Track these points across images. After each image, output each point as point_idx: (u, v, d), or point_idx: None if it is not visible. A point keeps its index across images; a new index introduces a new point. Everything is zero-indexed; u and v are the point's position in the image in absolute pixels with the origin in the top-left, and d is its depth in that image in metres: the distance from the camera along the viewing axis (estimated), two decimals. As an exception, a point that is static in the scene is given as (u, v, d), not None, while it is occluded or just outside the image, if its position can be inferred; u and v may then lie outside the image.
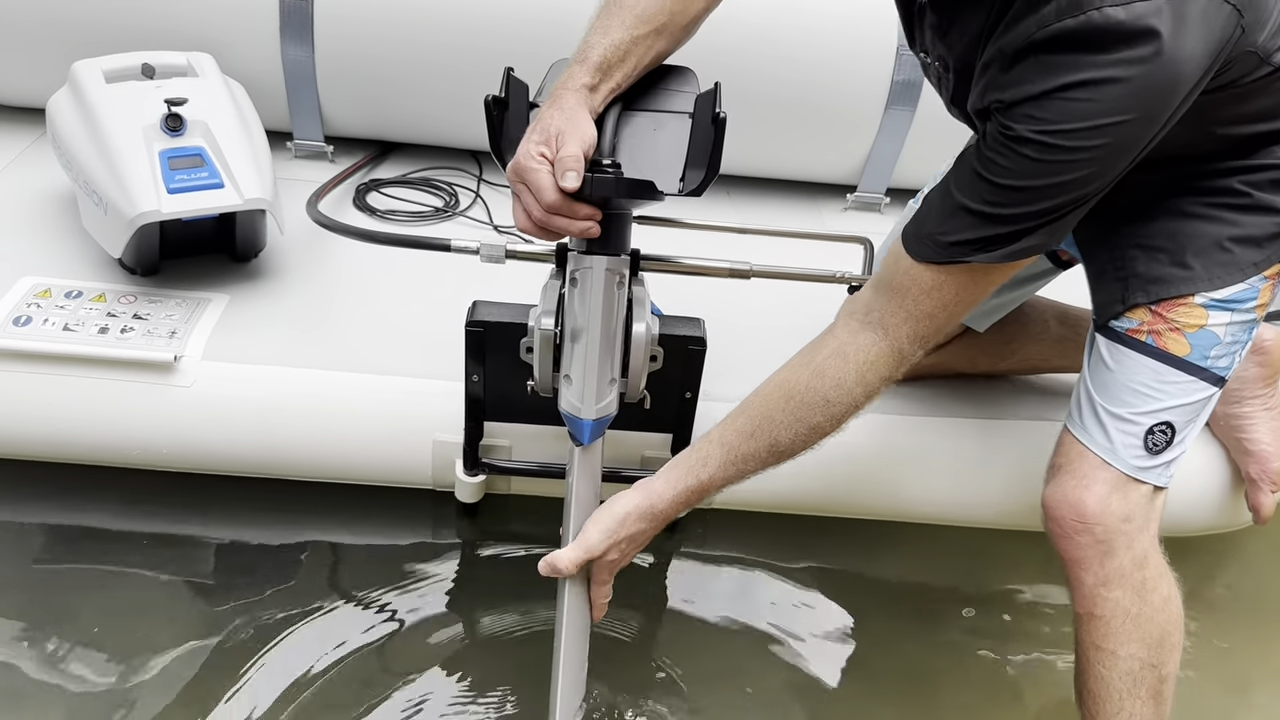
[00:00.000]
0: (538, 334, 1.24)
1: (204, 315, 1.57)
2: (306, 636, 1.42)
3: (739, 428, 1.21)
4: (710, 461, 1.20)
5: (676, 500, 1.21)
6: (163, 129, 1.56)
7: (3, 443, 1.51)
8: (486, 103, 1.17)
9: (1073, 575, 1.29)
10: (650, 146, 1.20)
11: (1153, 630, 1.27)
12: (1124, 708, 1.29)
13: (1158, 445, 1.25)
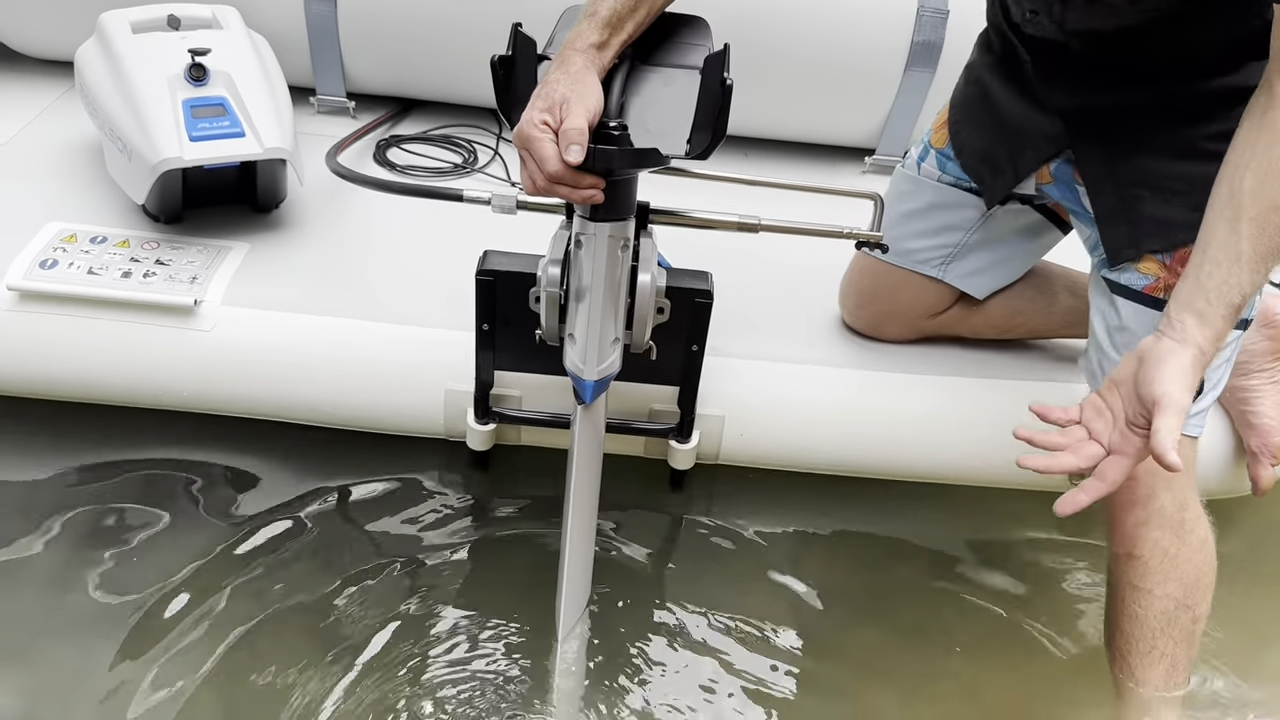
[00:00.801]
0: (544, 288, 1.26)
1: (224, 262, 1.60)
2: (319, 572, 1.46)
3: (1243, 230, 1.07)
4: (1233, 277, 1.08)
5: (1219, 334, 1.09)
6: (187, 79, 1.59)
7: (27, 382, 1.55)
8: (493, 62, 1.17)
9: (1113, 516, 1.32)
10: (659, 105, 1.20)
11: (1189, 571, 1.30)
12: (1156, 646, 1.33)
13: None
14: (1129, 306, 1.28)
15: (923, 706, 1.41)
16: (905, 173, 1.54)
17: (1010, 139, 1.35)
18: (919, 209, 1.51)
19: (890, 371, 1.60)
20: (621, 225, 1.20)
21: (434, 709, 1.30)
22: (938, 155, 1.47)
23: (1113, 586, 1.36)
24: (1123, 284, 1.27)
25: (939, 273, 1.54)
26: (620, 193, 1.17)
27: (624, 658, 1.40)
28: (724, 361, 1.56)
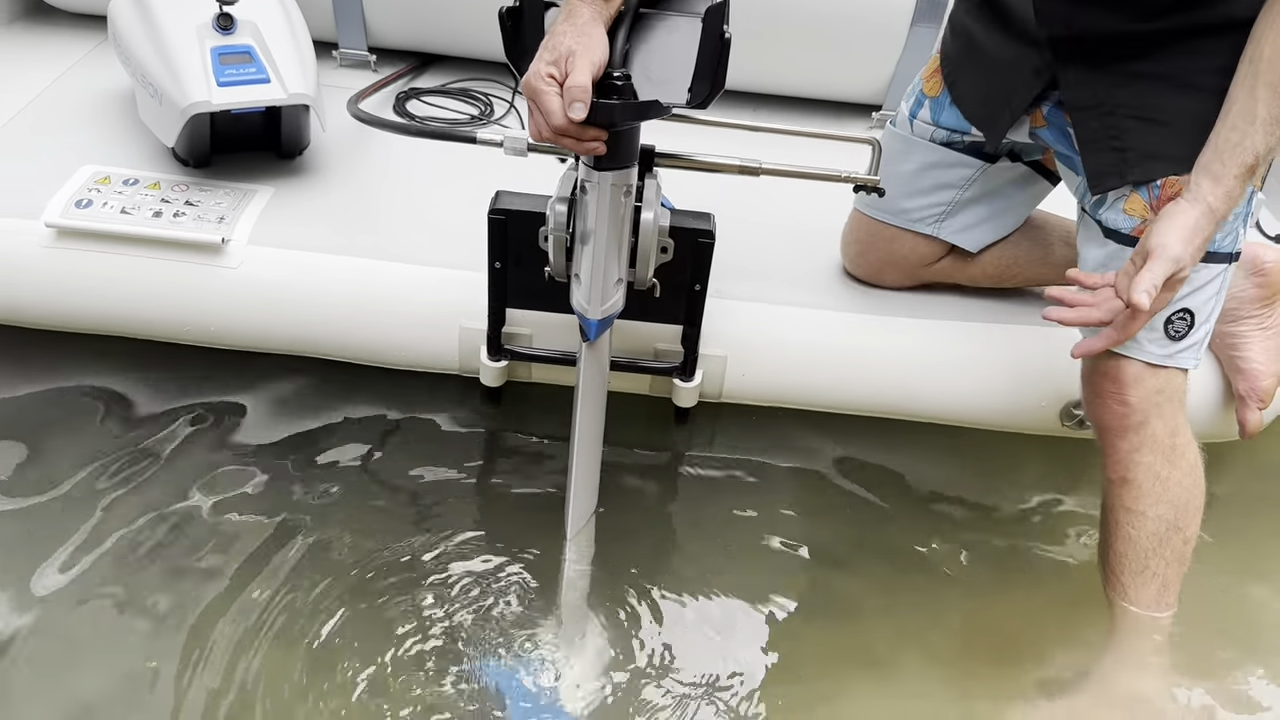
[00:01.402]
0: (551, 230, 1.32)
1: (250, 204, 1.67)
2: (341, 497, 1.55)
3: (1259, 94, 1.15)
4: (1247, 139, 1.16)
5: (1231, 194, 1.19)
6: (214, 27, 1.65)
7: (63, 316, 1.63)
8: (500, 14, 1.20)
9: (1107, 442, 1.38)
10: (661, 53, 1.24)
11: (1180, 494, 1.37)
12: (1149, 565, 1.40)
13: (1179, 332, 1.32)
14: (1112, 247, 1.33)
15: (921, 637, 1.47)
16: (898, 132, 1.59)
17: (1002, 79, 1.40)
18: (912, 170, 1.56)
19: (888, 316, 1.65)
20: (624, 173, 1.25)
21: (446, 617, 1.39)
22: (932, 103, 1.52)
23: (1107, 510, 1.43)
24: (1110, 226, 1.33)
25: (934, 230, 1.59)
26: (623, 142, 1.22)
27: (629, 582, 1.47)
28: (727, 304, 1.63)
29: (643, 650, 1.39)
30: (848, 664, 1.43)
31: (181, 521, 1.48)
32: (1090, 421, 1.42)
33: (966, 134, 1.50)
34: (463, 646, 1.36)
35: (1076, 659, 1.45)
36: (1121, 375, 1.33)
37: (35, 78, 1.98)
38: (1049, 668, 1.45)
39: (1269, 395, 1.57)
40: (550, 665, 1.35)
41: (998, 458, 1.75)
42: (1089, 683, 1.42)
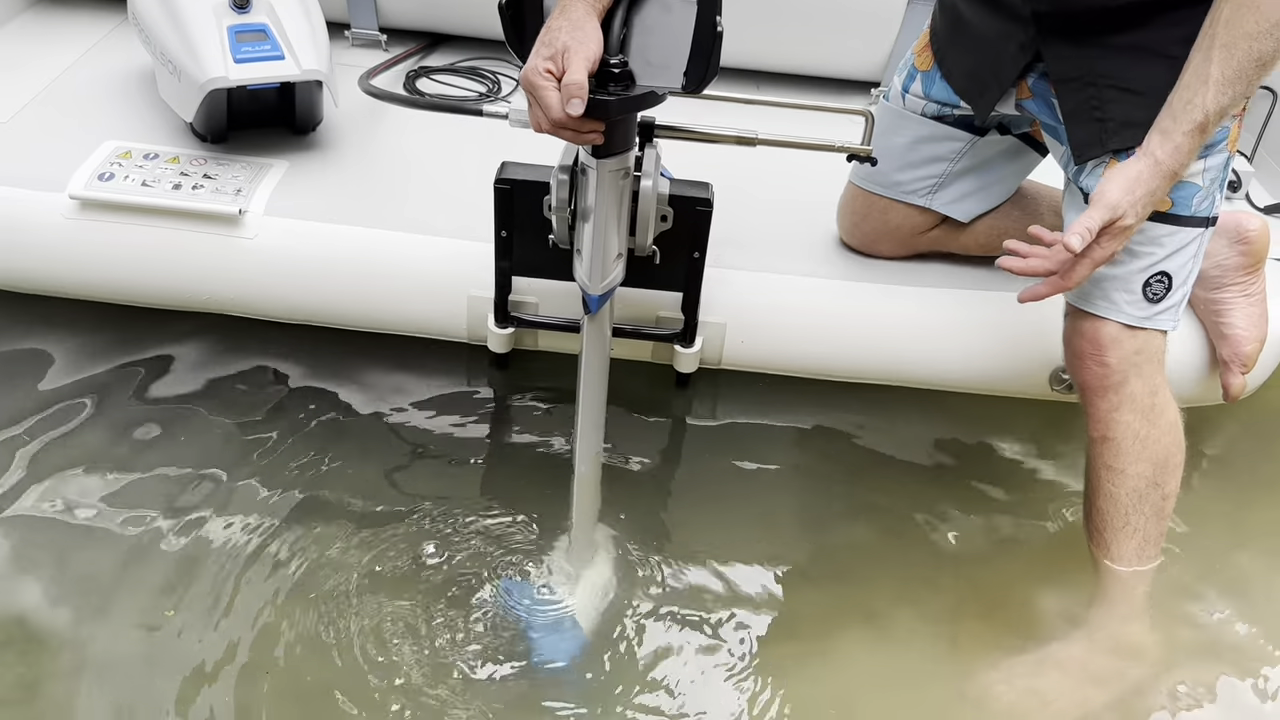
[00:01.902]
0: (554, 204, 1.37)
1: (266, 177, 1.73)
2: (357, 458, 1.62)
3: (1214, 55, 1.19)
4: (1195, 98, 1.21)
5: (1180, 150, 1.23)
6: (231, 6, 1.71)
7: (86, 285, 1.70)
8: (500, 6, 1.23)
9: (1089, 401, 1.44)
10: (658, 36, 1.26)
11: (1159, 451, 1.42)
12: (1129, 521, 1.45)
13: (1157, 295, 1.37)
14: None
15: (915, 594, 1.52)
16: (890, 107, 1.63)
17: (989, 54, 1.44)
18: (905, 143, 1.60)
19: (883, 284, 1.70)
20: (622, 157, 1.28)
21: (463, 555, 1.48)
22: (923, 77, 1.57)
23: (1089, 469, 1.48)
24: (1090, 191, 1.37)
25: (926, 201, 1.64)
26: (620, 130, 1.25)
27: (634, 532, 1.54)
28: (727, 273, 1.68)
29: (647, 585, 1.48)
30: (844, 618, 1.48)
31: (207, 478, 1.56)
32: (1072, 382, 1.47)
33: (956, 107, 1.55)
34: (480, 579, 1.45)
35: (1065, 612, 1.50)
36: (1100, 337, 1.38)
37: (59, 57, 2.04)
38: (1039, 622, 1.50)
39: (1251, 360, 1.62)
40: (562, 591, 1.44)
41: (990, 421, 1.81)
42: (1077, 632, 1.48)
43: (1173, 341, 1.63)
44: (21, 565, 1.42)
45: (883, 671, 1.43)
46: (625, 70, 1.18)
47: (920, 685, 1.41)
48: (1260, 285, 1.62)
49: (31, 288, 1.72)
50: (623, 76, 1.18)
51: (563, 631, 1.39)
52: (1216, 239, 1.59)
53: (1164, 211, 1.32)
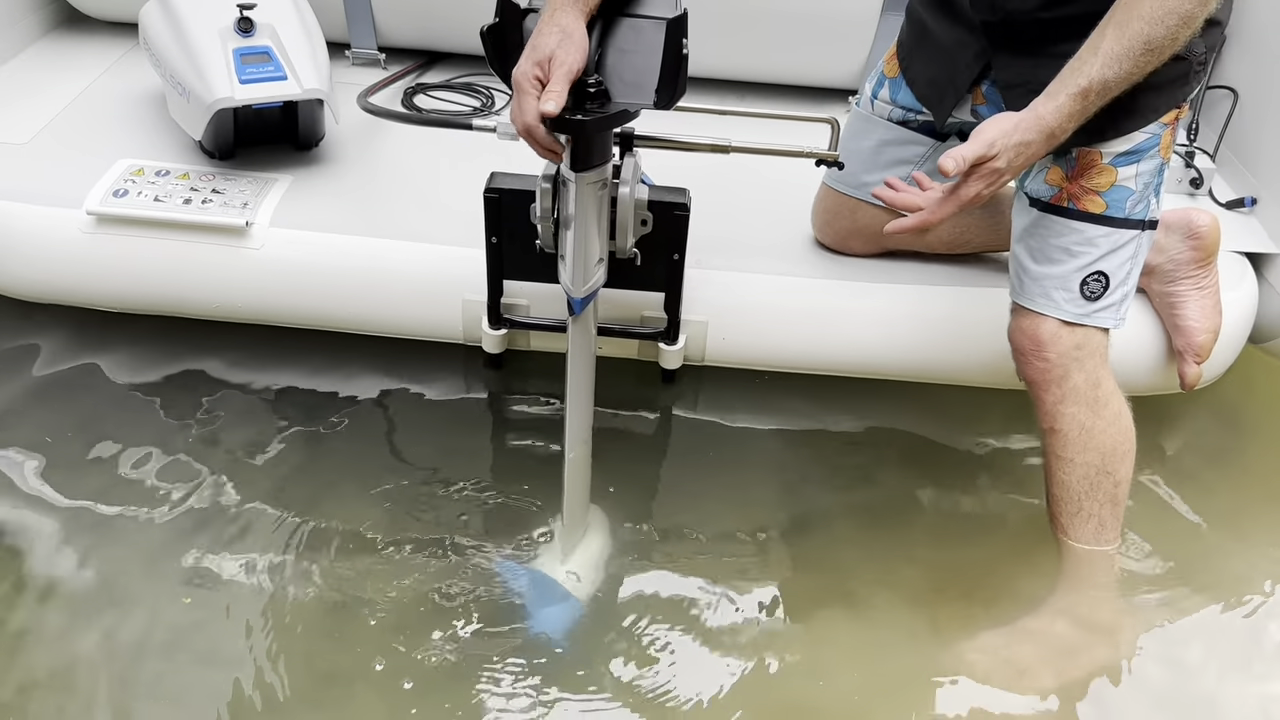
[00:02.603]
0: (539, 212, 1.46)
1: (271, 191, 1.83)
2: (364, 452, 1.73)
3: (1108, 31, 1.26)
4: (1084, 66, 1.27)
5: (1061, 110, 1.28)
6: (236, 30, 1.81)
7: (103, 296, 1.80)
8: (482, 33, 1.31)
9: (1035, 396, 1.52)
10: (631, 56, 1.32)
11: (1105, 441, 1.50)
12: (1083, 507, 1.54)
13: (1094, 293, 1.45)
14: (1035, 214, 1.47)
15: (895, 580, 1.61)
16: (860, 112, 1.72)
17: (947, 62, 1.53)
18: (871, 145, 1.69)
19: (855, 281, 1.79)
20: (600, 170, 1.35)
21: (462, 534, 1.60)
22: (890, 84, 1.66)
23: (1044, 459, 1.57)
24: (1033, 194, 1.46)
25: None
26: (596, 145, 1.32)
27: (623, 517, 1.65)
28: (708, 274, 1.77)
29: (636, 562, 1.58)
30: (825, 597, 1.57)
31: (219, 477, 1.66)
32: (1020, 378, 1.54)
33: (920, 113, 1.64)
34: (480, 558, 1.56)
35: (1039, 590, 1.58)
36: (1039, 333, 1.47)
37: (74, 81, 2.15)
38: (1015, 600, 1.58)
39: (1205, 350, 1.70)
40: (557, 567, 1.55)
41: (962, 411, 1.89)
42: (1047, 608, 1.56)
43: (1131, 334, 1.73)
44: (48, 555, 1.52)
45: (863, 647, 1.51)
46: (601, 89, 1.26)
47: (899, 659, 1.49)
48: (1213, 279, 1.70)
49: (53, 298, 1.83)
50: (598, 95, 1.26)
51: (558, 604, 1.49)
52: (1169, 235, 1.67)
53: (1098, 213, 1.41)
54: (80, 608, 1.45)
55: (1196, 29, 1.25)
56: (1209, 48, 1.38)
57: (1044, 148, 1.31)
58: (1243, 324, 1.83)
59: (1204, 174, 2.01)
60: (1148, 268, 1.69)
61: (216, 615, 1.45)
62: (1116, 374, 1.70)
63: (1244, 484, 1.85)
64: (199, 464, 1.68)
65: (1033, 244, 1.47)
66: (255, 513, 1.61)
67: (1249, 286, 1.85)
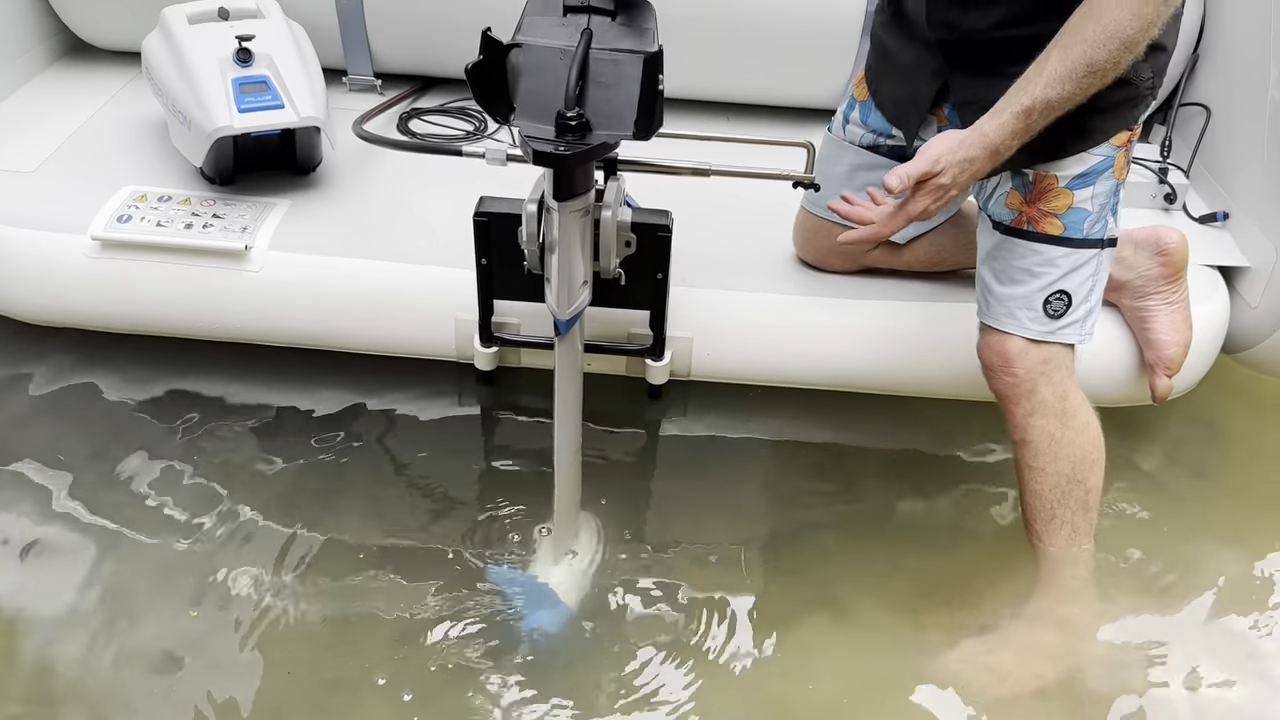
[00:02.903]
0: (525, 236, 1.51)
1: (270, 215, 1.89)
2: (362, 467, 1.80)
3: (1053, 53, 1.30)
4: (1029, 86, 1.31)
5: (1004, 127, 1.33)
6: (235, 61, 1.87)
7: (108, 319, 1.87)
8: (467, 71, 1.33)
9: (1006, 409, 1.57)
10: (611, 89, 1.35)
11: (1075, 450, 1.55)
12: (1056, 515, 1.59)
13: (1057, 311, 1.51)
14: (998, 237, 1.52)
15: (879, 588, 1.65)
16: (832, 137, 1.78)
17: (910, 81, 1.59)
18: (844, 170, 1.75)
19: (835, 298, 1.85)
20: (583, 199, 1.39)
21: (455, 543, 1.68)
22: (861, 107, 1.72)
23: (1017, 469, 1.62)
24: (995, 218, 1.52)
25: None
26: (577, 177, 1.37)
27: (610, 526, 1.71)
28: (693, 291, 1.83)
29: (625, 568, 1.65)
30: (810, 605, 1.62)
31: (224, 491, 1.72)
32: (992, 390, 1.60)
33: (890, 136, 1.69)
34: (476, 563, 1.63)
35: (1019, 596, 1.63)
36: (1007, 350, 1.52)
37: (79, 109, 2.22)
38: (994, 606, 1.63)
39: (1175, 364, 1.74)
40: (548, 571, 1.61)
41: (943, 422, 1.95)
42: (1023, 613, 1.61)
43: (1106, 347, 1.78)
44: (57, 572, 1.58)
45: (849, 654, 1.56)
46: (582, 122, 1.30)
47: (885, 665, 1.54)
48: (1182, 294, 1.75)
49: (59, 321, 1.89)
50: (579, 128, 1.30)
51: (549, 606, 1.55)
52: (1139, 252, 1.73)
53: (1057, 235, 1.46)
54: (89, 620, 1.51)
55: (1138, 54, 1.30)
56: (1155, 73, 1.43)
57: (988, 164, 1.36)
58: (1214, 335, 1.88)
59: (1177, 190, 2.07)
60: (1118, 283, 1.75)
61: (222, 627, 1.51)
62: (1092, 386, 1.76)
63: (1219, 490, 1.90)
64: (202, 480, 1.74)
65: (996, 266, 1.53)
66: (258, 526, 1.66)
67: (1220, 299, 1.90)
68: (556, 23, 1.39)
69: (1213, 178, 2.10)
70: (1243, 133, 1.99)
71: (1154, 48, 1.38)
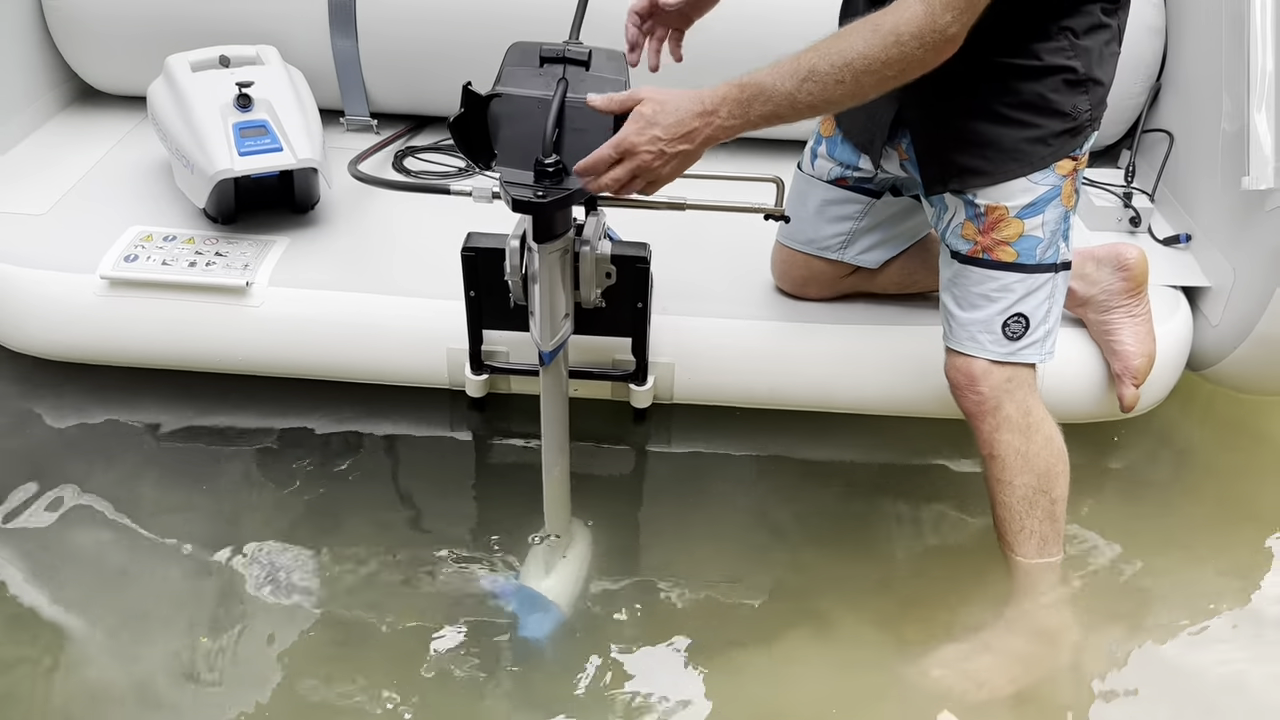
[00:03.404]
0: (509, 270, 1.58)
1: (270, 252, 1.98)
2: (361, 489, 1.88)
3: (800, 52, 1.31)
4: (759, 72, 1.32)
5: (717, 93, 1.32)
6: (235, 106, 1.97)
7: (117, 354, 1.96)
8: (450, 126, 1.43)
9: (973, 425, 1.64)
10: (586, 134, 1.41)
11: (1039, 463, 1.62)
12: (1025, 525, 1.65)
13: (1016, 334, 1.58)
14: (956, 266, 1.60)
15: (862, 602, 1.71)
16: (802, 174, 1.86)
17: (869, 108, 1.56)
18: (815, 206, 1.84)
19: (812, 323, 1.93)
20: (563, 239, 1.48)
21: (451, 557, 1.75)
22: (827, 142, 1.80)
23: (986, 483, 1.68)
24: (953, 248, 1.60)
25: (839, 256, 1.87)
26: (557, 219, 1.45)
27: (598, 540, 1.78)
28: (675, 319, 1.91)
29: (613, 578, 1.72)
30: (797, 620, 1.68)
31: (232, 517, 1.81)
32: (960, 407, 1.67)
33: (855, 168, 1.77)
34: (471, 576, 1.71)
35: (993, 606, 1.69)
36: (972, 371, 1.59)
37: (88, 154, 2.32)
38: (971, 615, 1.69)
39: (1140, 374, 1.82)
40: (540, 580, 1.68)
41: (922, 441, 2.01)
42: (1002, 621, 1.68)
43: (1075, 365, 1.86)
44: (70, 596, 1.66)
45: (832, 663, 1.62)
46: (560, 168, 1.38)
47: (867, 674, 1.61)
48: (1145, 307, 1.83)
49: (70, 356, 1.98)
50: (557, 173, 1.38)
51: (541, 613, 1.63)
52: (1100, 268, 1.81)
53: (1011, 262, 1.54)
54: (102, 643, 1.58)
55: (873, 82, 1.30)
56: (1094, 104, 1.50)
57: (700, 125, 1.33)
58: (1178, 353, 1.96)
59: (1142, 213, 2.15)
60: (1083, 299, 1.83)
61: (225, 645, 1.58)
62: (1062, 403, 1.84)
63: (1187, 503, 1.96)
64: (207, 503, 1.82)
65: (957, 292, 1.60)
66: (262, 546, 1.74)
67: (1183, 318, 1.97)
68: (534, 72, 1.46)
69: (1176, 201, 2.18)
70: (1202, 158, 2.07)
71: (1091, 81, 1.47)
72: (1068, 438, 1.65)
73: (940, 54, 1.30)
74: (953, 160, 1.54)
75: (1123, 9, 1.51)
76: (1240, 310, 1.90)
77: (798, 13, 2.13)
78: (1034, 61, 1.46)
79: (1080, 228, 2.18)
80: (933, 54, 1.29)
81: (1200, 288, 2.01)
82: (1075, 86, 1.47)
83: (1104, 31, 1.48)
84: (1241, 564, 1.82)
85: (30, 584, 1.68)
